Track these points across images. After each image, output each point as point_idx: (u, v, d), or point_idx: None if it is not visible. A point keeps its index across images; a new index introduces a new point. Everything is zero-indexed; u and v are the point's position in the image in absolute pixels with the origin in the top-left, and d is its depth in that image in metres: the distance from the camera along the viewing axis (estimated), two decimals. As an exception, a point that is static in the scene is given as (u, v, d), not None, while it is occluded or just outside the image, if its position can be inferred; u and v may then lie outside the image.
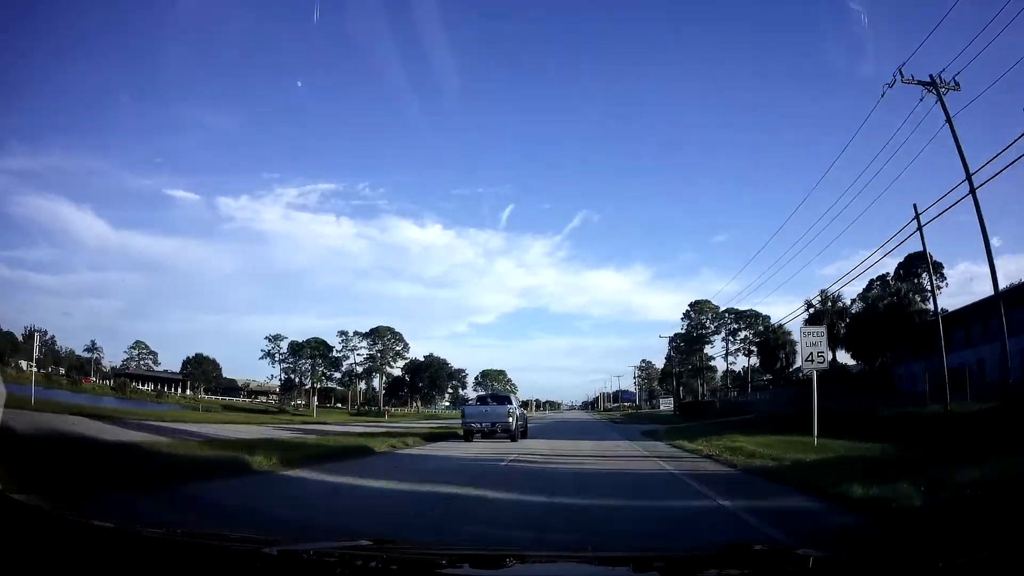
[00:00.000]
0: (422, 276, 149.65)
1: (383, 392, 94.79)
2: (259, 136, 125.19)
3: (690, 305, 79.32)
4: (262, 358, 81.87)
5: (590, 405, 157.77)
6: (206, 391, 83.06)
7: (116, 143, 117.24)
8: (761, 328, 71.76)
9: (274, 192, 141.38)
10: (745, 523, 6.12)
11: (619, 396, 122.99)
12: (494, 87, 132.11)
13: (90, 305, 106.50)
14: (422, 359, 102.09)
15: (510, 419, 21.16)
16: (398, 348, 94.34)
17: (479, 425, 21.35)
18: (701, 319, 78.31)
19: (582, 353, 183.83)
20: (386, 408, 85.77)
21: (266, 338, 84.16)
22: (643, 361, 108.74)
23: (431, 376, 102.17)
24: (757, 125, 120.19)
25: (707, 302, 75.51)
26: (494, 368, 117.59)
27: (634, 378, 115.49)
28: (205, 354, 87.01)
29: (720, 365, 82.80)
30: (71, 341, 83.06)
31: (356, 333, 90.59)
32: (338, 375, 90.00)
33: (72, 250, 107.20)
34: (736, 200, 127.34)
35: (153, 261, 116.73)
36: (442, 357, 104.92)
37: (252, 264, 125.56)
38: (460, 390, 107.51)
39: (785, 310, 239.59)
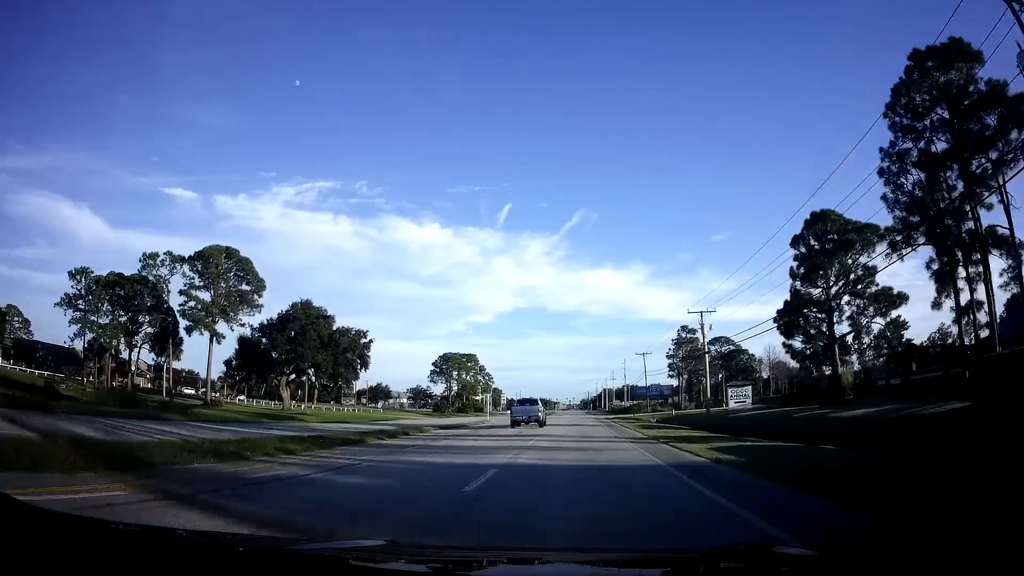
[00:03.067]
0: (420, 275, 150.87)
1: (226, 365, 60.78)
2: (256, 135, 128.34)
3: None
4: (58, 304, 52.52)
5: (590, 404, 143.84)
6: (6, 357, 55.06)
7: (114, 142, 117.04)
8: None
9: (271, 190, 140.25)
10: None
11: (635, 391, 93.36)
12: (492, 85, 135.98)
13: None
14: (287, 309, 60.95)
15: (540, 413, 34.01)
16: (244, 287, 51.97)
17: (521, 417, 32.98)
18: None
19: (580, 352, 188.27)
20: (215, 396, 57.04)
21: (69, 273, 52.80)
22: (683, 331, 69.74)
23: (294, 338, 58.49)
24: (757, 122, 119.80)
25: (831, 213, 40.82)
26: (459, 352, 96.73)
27: (669, 354, 75.73)
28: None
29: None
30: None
31: (169, 255, 51.61)
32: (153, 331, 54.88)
33: (69, 249, 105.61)
34: (736, 198, 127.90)
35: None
36: (320, 306, 63.66)
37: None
38: (361, 368, 70.31)
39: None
